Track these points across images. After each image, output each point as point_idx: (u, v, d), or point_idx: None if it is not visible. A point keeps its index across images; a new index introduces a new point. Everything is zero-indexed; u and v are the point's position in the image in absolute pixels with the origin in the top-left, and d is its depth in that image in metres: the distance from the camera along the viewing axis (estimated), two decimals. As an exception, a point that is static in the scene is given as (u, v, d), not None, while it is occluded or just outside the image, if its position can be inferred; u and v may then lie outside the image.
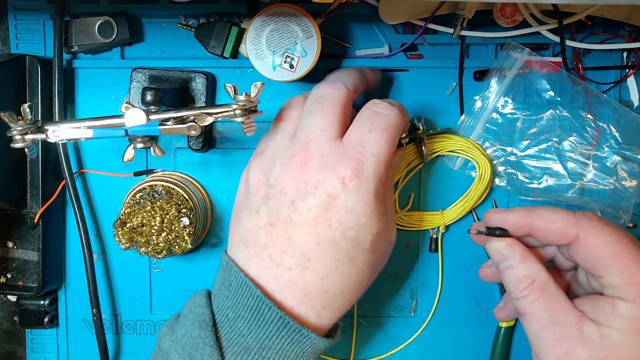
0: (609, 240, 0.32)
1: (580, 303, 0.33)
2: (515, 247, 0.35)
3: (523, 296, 0.34)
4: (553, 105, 0.45)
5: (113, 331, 0.49)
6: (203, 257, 0.48)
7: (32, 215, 0.45)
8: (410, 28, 0.45)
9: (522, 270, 0.34)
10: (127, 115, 0.36)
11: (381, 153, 0.34)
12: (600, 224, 0.32)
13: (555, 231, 0.33)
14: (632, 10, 0.43)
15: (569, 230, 0.33)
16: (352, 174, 0.33)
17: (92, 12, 0.45)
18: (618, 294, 0.31)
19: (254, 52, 0.42)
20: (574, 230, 0.33)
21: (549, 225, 0.34)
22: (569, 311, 0.32)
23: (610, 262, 0.31)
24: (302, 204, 0.33)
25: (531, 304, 0.33)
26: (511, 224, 0.36)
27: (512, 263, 0.35)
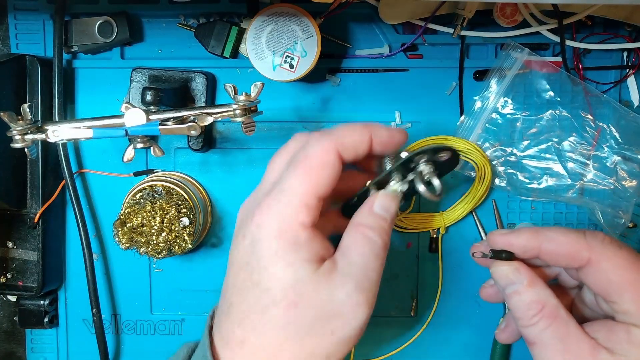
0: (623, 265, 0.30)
1: (592, 329, 0.31)
2: (522, 271, 0.33)
3: (532, 324, 0.31)
4: (553, 106, 0.45)
5: (113, 331, 0.49)
6: (203, 257, 0.48)
7: (32, 215, 0.45)
8: (410, 28, 0.45)
9: (531, 296, 0.32)
10: (127, 115, 0.36)
11: (290, 187, 0.30)
12: (613, 246, 0.31)
13: (566, 255, 0.32)
14: (632, 10, 0.43)
15: (580, 253, 0.31)
16: (260, 212, 0.31)
17: (92, 12, 0.45)
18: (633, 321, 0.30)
19: (254, 52, 0.42)
20: (586, 253, 0.31)
21: (558, 248, 0.32)
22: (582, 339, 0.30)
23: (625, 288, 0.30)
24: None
25: (542, 332, 0.31)
26: (518, 247, 0.33)
27: (519, 288, 0.33)
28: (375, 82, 0.46)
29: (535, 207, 0.47)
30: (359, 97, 0.46)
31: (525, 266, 0.33)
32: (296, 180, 0.31)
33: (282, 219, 0.30)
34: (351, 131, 0.32)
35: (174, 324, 0.48)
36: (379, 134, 0.33)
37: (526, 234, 0.33)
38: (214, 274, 0.48)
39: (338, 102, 0.47)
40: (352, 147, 0.32)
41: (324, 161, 0.31)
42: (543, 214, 0.47)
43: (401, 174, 0.33)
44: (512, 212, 0.47)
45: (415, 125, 0.47)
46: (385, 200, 0.33)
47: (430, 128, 0.46)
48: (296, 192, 0.30)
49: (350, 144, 0.32)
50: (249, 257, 0.31)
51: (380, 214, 0.32)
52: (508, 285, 0.33)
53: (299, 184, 0.31)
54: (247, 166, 0.47)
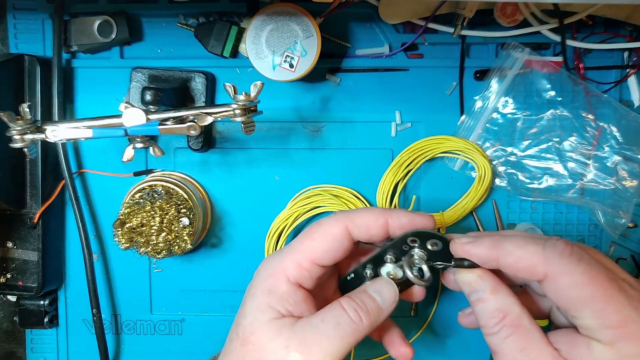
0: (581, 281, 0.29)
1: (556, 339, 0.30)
2: (485, 278, 0.32)
3: (494, 333, 0.31)
4: (553, 105, 0.45)
5: (113, 331, 0.49)
6: (203, 257, 0.48)
7: (32, 215, 0.45)
8: (410, 27, 0.45)
9: (493, 304, 0.31)
10: (126, 115, 0.36)
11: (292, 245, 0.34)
12: (571, 260, 0.29)
13: (523, 269, 0.30)
14: (633, 9, 0.43)
15: (537, 268, 0.30)
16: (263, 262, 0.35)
17: (91, 12, 0.44)
18: (594, 336, 0.29)
19: (254, 51, 0.42)
20: (542, 268, 0.29)
21: (515, 263, 0.30)
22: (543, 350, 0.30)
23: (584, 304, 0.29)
24: None
25: (503, 341, 0.30)
26: (476, 258, 0.32)
27: (482, 296, 0.32)
28: (375, 82, 0.46)
29: (536, 207, 0.47)
30: (359, 97, 0.46)
31: (489, 273, 0.32)
32: (298, 241, 0.34)
33: (274, 267, 0.33)
34: (366, 212, 0.34)
35: (174, 324, 0.48)
36: (399, 218, 0.34)
37: (485, 244, 0.32)
38: (214, 274, 0.48)
39: (338, 102, 0.46)
40: (363, 227, 0.33)
41: (329, 232, 0.33)
42: (543, 214, 0.47)
43: (395, 255, 0.34)
44: (512, 212, 0.47)
45: (415, 125, 0.46)
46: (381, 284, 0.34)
47: (431, 128, 0.46)
48: (294, 250, 0.33)
49: (362, 224, 0.33)
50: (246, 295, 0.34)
51: (372, 294, 0.33)
52: (472, 293, 0.33)
53: (299, 244, 0.33)
54: (247, 166, 0.47)
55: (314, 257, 0.33)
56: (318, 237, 0.33)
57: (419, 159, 0.46)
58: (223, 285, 0.48)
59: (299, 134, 0.47)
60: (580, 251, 0.30)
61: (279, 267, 0.33)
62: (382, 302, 0.33)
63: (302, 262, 0.33)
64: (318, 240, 0.33)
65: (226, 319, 0.48)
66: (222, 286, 0.48)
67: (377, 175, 0.46)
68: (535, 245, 0.30)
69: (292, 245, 0.34)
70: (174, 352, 0.49)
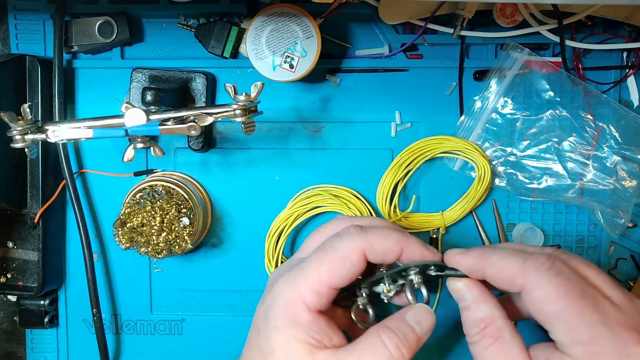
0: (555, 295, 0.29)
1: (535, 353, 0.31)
2: (472, 288, 0.33)
3: (475, 341, 0.31)
4: (553, 106, 0.45)
5: (113, 331, 0.49)
6: (203, 257, 0.48)
7: (32, 215, 0.45)
8: (410, 28, 0.45)
9: (477, 313, 0.32)
10: (127, 115, 0.36)
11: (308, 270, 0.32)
12: (548, 274, 0.29)
13: (504, 280, 0.31)
14: (632, 10, 0.43)
15: (514, 280, 0.30)
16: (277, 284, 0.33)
17: (92, 12, 0.45)
18: (567, 351, 0.29)
19: (254, 52, 0.42)
20: (520, 281, 0.30)
21: (497, 274, 0.31)
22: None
23: (556, 318, 0.29)
24: None
25: (482, 351, 0.31)
26: (464, 269, 0.33)
27: (468, 304, 0.33)
28: (375, 82, 0.46)
29: (535, 207, 0.47)
30: (359, 97, 0.46)
31: (477, 283, 0.33)
32: (316, 267, 0.32)
33: (292, 296, 0.32)
34: (386, 238, 0.33)
35: (174, 324, 0.49)
36: (412, 250, 0.33)
37: (472, 256, 0.33)
38: (214, 274, 0.48)
39: (338, 102, 0.47)
40: (381, 253, 0.33)
41: (347, 258, 0.32)
42: (543, 214, 0.47)
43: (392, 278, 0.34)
44: (512, 212, 0.47)
45: (415, 125, 0.47)
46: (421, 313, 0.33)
47: (430, 128, 0.46)
48: (312, 277, 0.32)
49: (380, 250, 0.33)
50: (260, 322, 0.33)
51: (411, 324, 0.32)
52: (459, 301, 0.34)
53: (317, 271, 0.32)
54: (247, 166, 0.47)
55: (332, 283, 0.32)
56: (337, 265, 0.32)
57: (419, 159, 0.46)
58: (223, 285, 0.48)
59: (299, 134, 0.47)
60: (561, 266, 0.30)
61: (297, 295, 0.31)
62: (420, 333, 0.32)
63: (320, 289, 0.31)
64: (337, 268, 0.32)
65: (226, 319, 0.48)
66: (222, 286, 0.48)
67: (377, 175, 0.46)
68: (516, 258, 0.31)
69: (308, 269, 0.32)
70: (174, 352, 0.49)
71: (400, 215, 0.46)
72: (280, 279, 0.33)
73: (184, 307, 0.48)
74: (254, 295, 0.48)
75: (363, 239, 0.32)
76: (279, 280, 0.33)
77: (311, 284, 0.31)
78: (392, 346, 0.30)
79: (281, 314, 0.31)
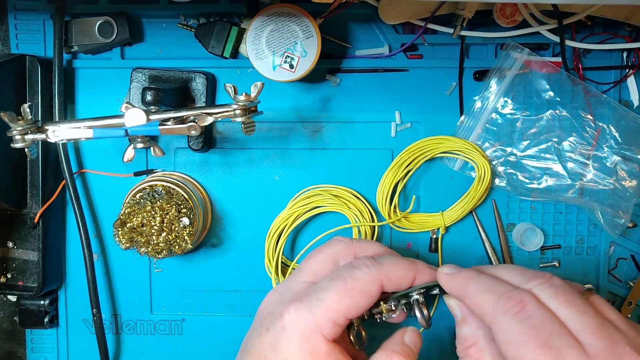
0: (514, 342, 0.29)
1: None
2: (462, 307, 0.34)
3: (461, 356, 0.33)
4: (553, 106, 0.45)
5: (113, 331, 0.49)
6: (203, 257, 0.48)
7: (32, 215, 0.45)
8: (410, 28, 0.45)
9: (464, 331, 0.34)
10: (127, 115, 0.36)
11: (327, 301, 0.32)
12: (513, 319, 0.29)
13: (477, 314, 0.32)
14: (632, 10, 0.43)
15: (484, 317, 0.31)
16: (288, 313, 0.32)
17: (92, 12, 0.45)
18: None
19: (254, 52, 0.42)
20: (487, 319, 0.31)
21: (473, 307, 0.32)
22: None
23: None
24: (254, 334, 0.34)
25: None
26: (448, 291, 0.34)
27: (457, 321, 0.35)
28: (375, 82, 0.46)
29: (535, 207, 0.47)
30: (359, 97, 0.46)
31: None
32: (335, 297, 0.32)
33: (308, 327, 0.31)
34: (399, 268, 0.34)
35: (174, 324, 0.49)
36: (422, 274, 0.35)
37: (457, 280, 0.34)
38: (214, 274, 0.48)
39: (338, 102, 0.47)
40: (396, 282, 0.34)
41: (367, 290, 0.33)
42: (543, 214, 0.47)
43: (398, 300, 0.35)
44: (512, 212, 0.47)
45: (415, 125, 0.47)
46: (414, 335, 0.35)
47: (430, 128, 0.46)
48: (331, 307, 0.31)
49: (396, 280, 0.34)
50: (268, 353, 0.32)
51: (410, 346, 0.34)
52: (454, 315, 0.35)
53: (337, 301, 0.32)
54: (247, 166, 0.47)
55: (349, 314, 0.32)
56: (357, 297, 0.32)
57: (419, 159, 0.46)
58: (223, 285, 0.48)
59: (299, 134, 0.47)
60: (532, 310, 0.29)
61: (313, 325, 0.31)
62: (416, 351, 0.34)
63: (338, 320, 0.32)
64: (356, 300, 0.32)
65: (226, 319, 0.48)
66: (222, 286, 0.48)
67: (377, 175, 0.46)
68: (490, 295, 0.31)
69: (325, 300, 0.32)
70: (174, 352, 0.49)
71: (400, 215, 0.46)
72: (291, 308, 0.32)
73: (184, 307, 0.48)
74: (254, 295, 0.48)
75: (379, 270, 0.33)
76: (290, 309, 0.32)
77: (329, 315, 0.31)
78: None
79: (296, 345, 0.31)
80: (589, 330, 0.28)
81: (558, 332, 0.28)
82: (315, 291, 0.32)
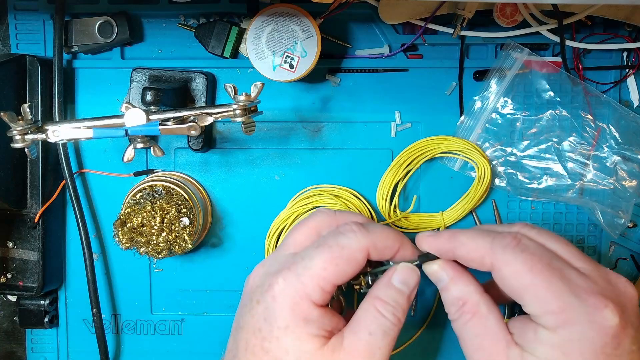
0: (521, 270, 0.30)
1: (513, 325, 0.32)
2: (446, 268, 0.34)
3: (455, 319, 0.33)
4: (553, 106, 0.45)
5: (113, 331, 0.49)
6: (203, 257, 0.48)
7: (32, 215, 0.45)
8: (410, 28, 0.45)
9: (454, 292, 0.33)
10: (127, 115, 0.36)
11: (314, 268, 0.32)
12: (515, 251, 0.31)
13: (473, 260, 0.33)
14: (632, 10, 0.43)
15: (483, 259, 0.32)
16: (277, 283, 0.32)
17: (92, 12, 0.45)
18: (540, 322, 0.30)
19: (254, 52, 0.42)
20: (488, 259, 0.32)
21: (467, 254, 0.33)
22: (498, 335, 0.31)
23: (524, 292, 0.30)
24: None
25: (462, 327, 0.32)
26: (435, 250, 0.35)
27: (444, 285, 0.34)
28: (375, 82, 0.46)
29: (535, 207, 0.47)
30: (359, 97, 0.46)
31: (450, 263, 0.34)
32: (322, 265, 0.32)
33: (298, 294, 0.31)
34: (386, 237, 0.34)
35: (174, 324, 0.49)
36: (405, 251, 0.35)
37: (443, 237, 0.34)
38: (214, 274, 0.48)
39: (338, 102, 0.47)
40: (382, 250, 0.34)
41: (354, 257, 0.33)
42: (543, 214, 0.47)
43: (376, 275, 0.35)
44: (512, 212, 0.47)
45: (415, 125, 0.47)
46: (406, 273, 0.34)
47: (430, 128, 0.46)
48: (318, 274, 0.32)
49: (382, 248, 0.34)
50: (262, 324, 0.32)
51: (398, 287, 0.34)
52: (437, 282, 0.35)
53: (323, 268, 0.32)
54: (247, 166, 0.47)
55: (336, 280, 0.32)
56: (343, 264, 0.32)
57: (419, 159, 0.46)
58: (223, 285, 0.48)
59: (299, 134, 0.47)
60: (527, 242, 0.32)
61: (302, 293, 0.31)
62: (408, 291, 0.34)
63: (325, 286, 0.32)
64: (342, 267, 0.32)
65: (226, 319, 0.48)
66: (222, 286, 0.48)
67: (377, 175, 0.46)
68: (484, 238, 0.32)
69: (312, 267, 0.32)
70: (174, 352, 0.49)
71: (400, 215, 0.46)
72: (280, 278, 0.32)
73: (184, 307, 0.48)
74: (254, 295, 0.48)
75: (367, 237, 0.33)
76: (278, 280, 0.32)
77: (317, 281, 0.32)
78: (390, 315, 0.32)
79: (288, 312, 0.31)
80: (576, 257, 0.32)
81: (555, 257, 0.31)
82: (302, 259, 0.33)
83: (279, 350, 0.31)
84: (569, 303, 0.29)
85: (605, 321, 0.29)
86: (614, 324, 0.29)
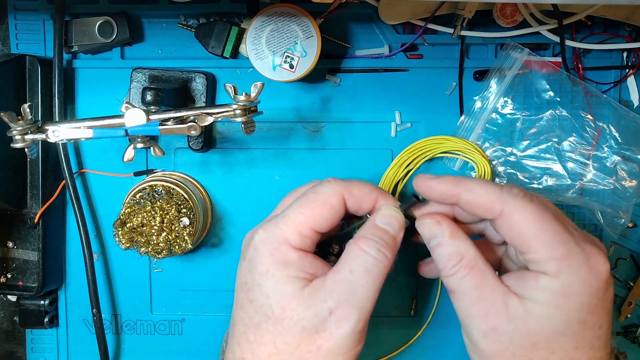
0: (531, 217, 0.31)
1: (507, 278, 0.33)
2: (443, 224, 0.34)
3: (452, 274, 0.33)
4: (553, 106, 0.45)
5: (113, 331, 0.49)
6: (203, 257, 0.48)
7: (32, 215, 0.45)
8: (410, 28, 0.45)
9: (451, 248, 0.33)
10: (127, 115, 0.36)
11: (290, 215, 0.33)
12: (524, 200, 0.32)
13: (481, 205, 0.33)
14: (632, 10, 0.43)
15: (493, 205, 0.32)
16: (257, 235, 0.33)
17: (92, 12, 0.45)
18: (541, 269, 0.31)
19: (254, 52, 0.42)
20: (498, 205, 0.32)
21: (475, 199, 0.33)
22: (496, 287, 0.32)
23: (533, 238, 0.31)
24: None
25: (460, 281, 0.33)
26: (438, 193, 0.34)
27: (441, 240, 0.34)
28: (375, 82, 0.46)
29: (535, 207, 0.47)
30: (359, 97, 0.46)
31: (447, 219, 0.34)
32: (297, 210, 0.33)
33: (275, 239, 0.32)
34: (362, 185, 0.35)
35: (174, 324, 0.49)
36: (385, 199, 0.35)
37: (448, 180, 0.34)
38: (214, 274, 0.48)
39: (338, 102, 0.47)
40: (358, 198, 0.34)
41: (327, 201, 0.33)
42: (543, 214, 0.47)
43: None
44: (512, 212, 0.47)
45: (415, 125, 0.47)
46: (389, 214, 0.35)
47: (430, 128, 0.46)
48: (293, 219, 0.33)
49: (358, 195, 0.34)
50: (247, 277, 0.33)
51: (382, 227, 0.34)
52: (432, 238, 0.35)
53: (298, 213, 0.33)
54: (247, 166, 0.47)
55: (314, 225, 0.33)
56: (318, 207, 0.33)
57: (419, 159, 0.46)
58: (223, 285, 0.48)
59: (299, 134, 0.47)
60: (532, 194, 0.33)
61: (281, 238, 0.32)
62: (394, 232, 0.34)
63: (303, 231, 0.33)
64: (318, 210, 0.33)
65: (226, 319, 0.48)
66: (222, 286, 0.48)
67: (377, 175, 0.46)
68: (494, 187, 0.33)
69: (289, 214, 0.33)
70: (174, 352, 0.49)
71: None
72: (260, 230, 0.33)
73: (184, 307, 0.48)
74: (254, 295, 0.48)
75: (341, 185, 0.34)
76: (259, 231, 0.33)
77: (294, 226, 0.32)
78: (373, 250, 0.32)
79: (268, 258, 0.32)
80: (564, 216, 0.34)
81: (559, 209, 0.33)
82: (281, 210, 0.34)
83: (261, 297, 0.32)
84: (571, 250, 0.31)
85: (600, 266, 0.31)
86: (606, 269, 0.31)
